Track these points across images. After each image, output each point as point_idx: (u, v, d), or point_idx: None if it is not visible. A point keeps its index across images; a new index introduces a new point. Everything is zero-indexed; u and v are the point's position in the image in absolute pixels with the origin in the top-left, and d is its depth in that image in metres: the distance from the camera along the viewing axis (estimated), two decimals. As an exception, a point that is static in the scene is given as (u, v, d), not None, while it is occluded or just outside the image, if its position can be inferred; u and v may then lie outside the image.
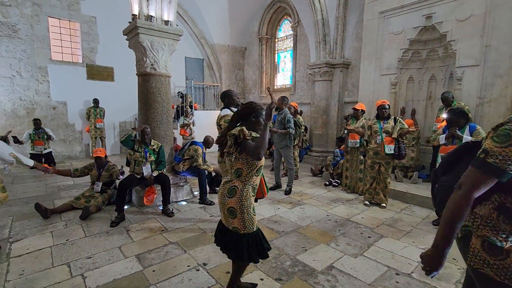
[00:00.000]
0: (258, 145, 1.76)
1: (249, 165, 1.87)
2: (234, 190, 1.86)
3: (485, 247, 1.09)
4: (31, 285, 2.29)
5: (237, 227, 1.88)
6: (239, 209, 1.85)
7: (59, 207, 3.90)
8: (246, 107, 2.00)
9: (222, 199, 1.91)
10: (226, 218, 1.93)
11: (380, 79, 5.59)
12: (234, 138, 1.85)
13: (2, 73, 7.01)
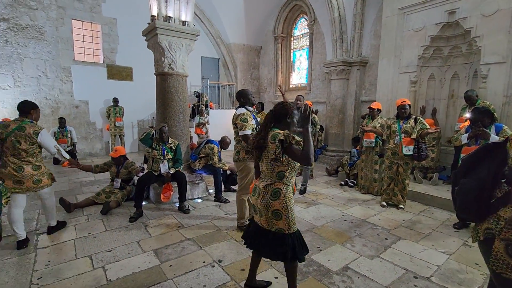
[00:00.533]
0: (309, 151, 1.75)
1: (291, 167, 1.90)
2: (279, 193, 1.87)
3: (509, 251, 1.05)
4: (57, 275, 2.41)
5: (282, 228, 1.89)
6: (284, 210, 1.86)
7: (81, 202, 4.07)
8: (282, 108, 1.97)
9: (265, 202, 1.89)
10: (270, 221, 1.91)
11: (399, 77, 5.44)
12: (281, 143, 1.83)
13: (29, 73, 7.38)
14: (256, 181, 2.06)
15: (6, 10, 6.92)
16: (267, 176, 1.95)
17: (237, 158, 3.19)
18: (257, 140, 1.94)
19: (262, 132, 1.95)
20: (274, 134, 1.87)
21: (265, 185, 1.92)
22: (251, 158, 3.13)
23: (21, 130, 2.76)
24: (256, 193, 1.98)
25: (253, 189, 2.05)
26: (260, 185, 1.96)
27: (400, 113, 3.97)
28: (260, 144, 1.91)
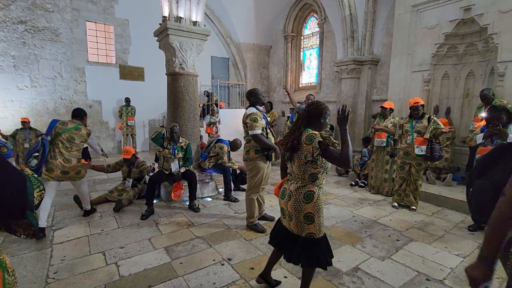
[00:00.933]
0: (349, 153, 1.71)
1: (324, 169, 1.85)
2: (312, 195, 1.82)
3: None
4: (71, 270, 2.48)
5: (313, 232, 1.85)
6: (317, 213, 1.83)
7: (95, 199, 4.17)
8: (316, 108, 1.90)
9: (298, 205, 1.84)
10: (300, 225, 1.86)
11: (412, 76, 5.34)
12: (319, 144, 1.77)
13: (45, 74, 7.60)
14: (283, 183, 2.02)
15: (23, 13, 7.15)
16: (298, 178, 1.88)
17: (246, 158, 3.21)
18: (290, 141, 1.86)
19: (295, 132, 1.87)
20: (309, 135, 1.81)
21: (297, 188, 1.86)
22: (261, 157, 3.14)
23: (78, 130, 3.40)
24: (285, 195, 1.93)
25: (281, 192, 2.00)
26: (290, 187, 1.90)
27: (413, 114, 3.90)
28: (293, 145, 1.84)
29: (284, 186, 1.98)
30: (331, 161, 1.81)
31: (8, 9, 6.98)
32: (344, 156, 1.72)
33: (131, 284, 2.29)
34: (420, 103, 3.87)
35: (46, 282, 2.32)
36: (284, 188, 1.97)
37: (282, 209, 1.99)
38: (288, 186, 1.94)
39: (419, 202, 4.15)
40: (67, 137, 3.30)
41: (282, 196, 1.97)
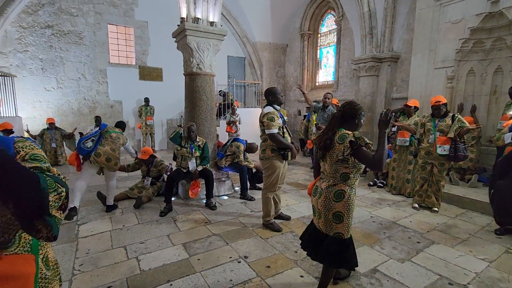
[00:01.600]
0: (382, 156, 1.70)
1: (356, 169, 1.86)
2: (342, 194, 1.85)
3: None
4: (95, 263, 2.60)
5: (341, 232, 1.88)
6: (346, 213, 1.85)
7: (116, 196, 4.32)
8: (351, 108, 1.90)
9: (328, 203, 1.87)
10: (329, 224, 1.89)
11: (434, 73, 5.14)
12: (350, 144, 1.79)
13: (70, 76, 7.96)
14: (317, 181, 2.06)
15: (50, 17, 7.51)
16: (330, 176, 1.91)
17: (263, 156, 3.22)
18: (323, 140, 1.89)
19: (329, 132, 1.89)
20: (342, 135, 1.83)
21: (328, 186, 1.89)
22: (277, 156, 3.14)
23: (121, 134, 4.09)
24: (317, 193, 1.97)
25: (313, 189, 2.04)
26: (322, 185, 1.94)
27: (435, 113, 3.76)
28: (326, 144, 1.87)
29: (317, 184, 2.03)
30: (362, 162, 1.81)
31: (37, 14, 7.36)
32: (377, 158, 1.70)
33: (151, 279, 2.37)
34: (442, 102, 3.71)
35: (72, 273, 2.44)
36: (316, 186, 2.01)
37: (313, 207, 2.03)
38: (320, 184, 1.98)
39: (442, 204, 4.01)
40: (115, 136, 3.95)
41: (314, 194, 2.02)
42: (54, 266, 1.15)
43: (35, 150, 1.03)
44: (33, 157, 1.00)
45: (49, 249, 1.15)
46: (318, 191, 1.96)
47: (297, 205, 4.16)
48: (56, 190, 0.93)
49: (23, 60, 7.37)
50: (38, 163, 0.99)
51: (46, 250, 1.12)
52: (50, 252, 1.15)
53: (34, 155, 1.01)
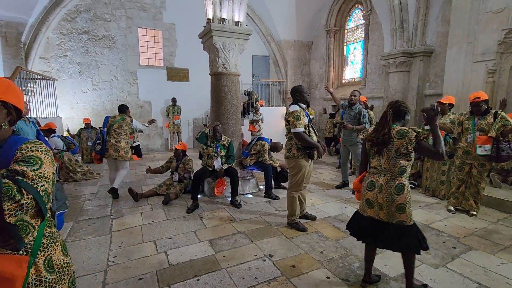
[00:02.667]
0: (442, 146, 1.89)
1: (411, 162, 2.02)
2: (403, 187, 1.98)
3: None
4: (128, 256, 2.73)
5: (404, 220, 1.98)
6: (408, 204, 1.98)
7: (146, 193, 4.52)
8: (402, 105, 2.10)
9: (390, 198, 1.98)
10: (392, 214, 1.99)
11: (472, 67, 4.79)
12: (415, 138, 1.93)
13: (104, 78, 8.43)
14: (369, 177, 2.12)
15: (86, 24, 8.01)
16: (387, 171, 2.03)
17: (288, 155, 3.19)
18: (381, 135, 2.02)
19: (384, 128, 2.03)
20: (400, 130, 1.97)
21: (388, 181, 2.00)
22: (303, 155, 3.11)
23: (123, 120, 4.50)
24: (374, 188, 2.05)
25: (368, 184, 2.11)
26: (380, 180, 2.03)
27: (474, 111, 3.49)
28: (385, 140, 2.00)
29: (371, 179, 2.10)
30: (424, 154, 2.03)
31: (75, 21, 7.88)
32: (439, 148, 1.88)
33: (179, 273, 2.45)
34: (482, 98, 3.42)
35: (107, 264, 2.59)
36: (372, 181, 2.08)
37: (370, 201, 2.09)
38: (375, 179, 2.07)
39: (481, 207, 3.73)
40: (117, 126, 4.41)
41: (369, 188, 2.09)
42: (60, 270, 1.11)
43: (34, 152, 1.00)
44: (25, 159, 0.96)
45: (56, 252, 1.11)
46: (376, 186, 2.05)
47: (323, 205, 4.09)
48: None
49: (62, 64, 7.93)
50: (25, 166, 0.94)
51: (50, 253, 1.08)
52: (56, 255, 1.10)
53: (27, 157, 0.97)
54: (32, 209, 0.92)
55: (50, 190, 1.00)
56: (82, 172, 5.67)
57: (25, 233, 0.96)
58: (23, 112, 1.17)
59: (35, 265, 1.02)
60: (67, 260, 1.17)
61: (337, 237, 3.09)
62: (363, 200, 2.14)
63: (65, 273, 1.14)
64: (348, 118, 4.62)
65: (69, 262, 1.19)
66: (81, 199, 4.49)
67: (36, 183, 0.93)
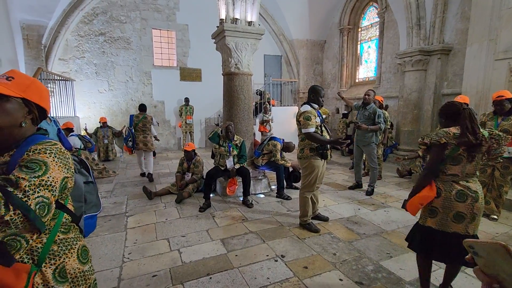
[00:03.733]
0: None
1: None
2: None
3: None
4: (142, 252, 2.79)
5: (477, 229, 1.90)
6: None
7: (159, 191, 4.59)
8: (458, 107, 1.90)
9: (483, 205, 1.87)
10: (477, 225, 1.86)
11: (494, 65, 4.60)
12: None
13: (119, 78, 8.63)
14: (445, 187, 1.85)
15: (103, 25, 8.21)
16: (474, 176, 1.89)
17: (301, 156, 3.17)
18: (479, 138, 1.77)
19: (479, 130, 1.79)
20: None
21: (480, 188, 1.87)
22: (316, 155, 3.08)
23: (145, 118, 5.49)
24: (467, 198, 1.80)
25: (458, 195, 1.82)
26: (473, 187, 1.83)
27: (497, 109, 3.36)
28: (482, 142, 1.81)
29: (458, 188, 1.82)
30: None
31: (92, 23, 8.10)
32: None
33: (192, 271, 2.47)
34: (506, 96, 3.29)
35: (122, 261, 2.65)
36: (461, 190, 1.81)
37: (461, 214, 1.81)
38: (464, 187, 1.82)
39: (502, 212, 3.59)
40: (142, 124, 5.43)
41: (460, 199, 1.81)
42: (74, 279, 1.04)
43: (42, 155, 0.91)
44: (28, 164, 0.88)
45: (70, 259, 1.03)
46: (469, 195, 1.80)
47: (336, 206, 4.04)
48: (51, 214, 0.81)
49: (80, 65, 8.17)
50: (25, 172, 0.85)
51: (63, 261, 1.01)
52: (70, 263, 1.03)
53: (31, 161, 0.89)
54: (23, 224, 0.81)
55: (54, 199, 0.89)
56: (98, 170, 5.82)
57: (15, 249, 0.86)
58: (48, 112, 1.11)
59: (42, 274, 0.95)
60: (84, 268, 1.08)
61: (350, 239, 3.04)
62: (448, 215, 1.83)
63: (81, 282, 1.06)
64: (362, 118, 4.53)
65: (88, 270, 1.10)
66: (97, 196, 4.61)
67: (28, 196, 0.81)
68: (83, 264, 1.09)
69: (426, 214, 1.92)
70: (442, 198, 1.83)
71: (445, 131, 1.82)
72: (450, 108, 1.93)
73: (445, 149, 1.80)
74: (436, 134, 1.84)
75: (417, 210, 1.91)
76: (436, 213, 1.87)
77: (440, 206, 1.84)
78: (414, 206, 1.91)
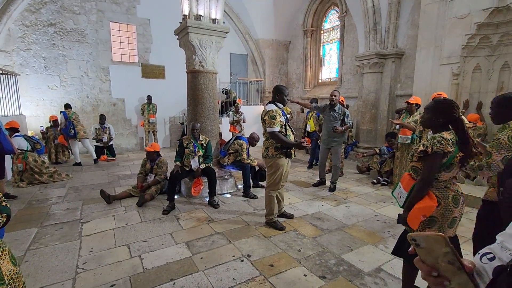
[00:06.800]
0: None
1: None
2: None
3: None
4: (99, 261, 2.60)
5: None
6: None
7: (119, 194, 4.33)
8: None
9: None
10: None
11: (439, 69, 5.06)
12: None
13: (73, 74, 7.96)
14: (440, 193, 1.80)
15: (53, 16, 7.51)
16: (455, 182, 1.88)
17: (266, 155, 3.19)
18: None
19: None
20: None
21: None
22: (280, 154, 3.12)
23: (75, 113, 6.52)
24: (459, 201, 1.81)
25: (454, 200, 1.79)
26: (460, 191, 1.83)
27: None
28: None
29: (452, 194, 1.80)
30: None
31: (39, 12, 7.36)
32: None
33: (154, 277, 2.36)
34: (442, 95, 3.67)
35: (76, 272, 2.44)
36: (455, 196, 1.80)
37: (455, 219, 1.80)
38: (456, 192, 1.81)
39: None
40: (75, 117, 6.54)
41: (456, 204, 1.79)
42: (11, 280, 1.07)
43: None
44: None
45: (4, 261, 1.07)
46: (460, 198, 1.81)
47: (300, 203, 4.14)
48: None
49: (26, 58, 7.39)
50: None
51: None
52: (4, 265, 1.06)
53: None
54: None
55: None
56: (49, 174, 5.32)
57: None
58: None
59: None
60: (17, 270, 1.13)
61: (314, 235, 3.14)
62: (445, 223, 1.79)
63: (17, 282, 1.09)
64: (332, 119, 4.62)
65: (19, 271, 1.15)
66: (47, 202, 4.21)
67: None
68: (15, 265, 1.13)
69: (425, 225, 1.81)
70: (442, 206, 1.77)
71: (444, 138, 1.71)
72: (443, 105, 1.83)
73: (444, 158, 1.73)
74: (438, 141, 1.71)
75: (419, 222, 1.79)
76: (435, 223, 1.79)
77: (440, 215, 1.77)
78: (416, 219, 1.79)
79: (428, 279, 0.61)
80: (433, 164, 1.74)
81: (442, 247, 0.57)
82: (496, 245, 0.60)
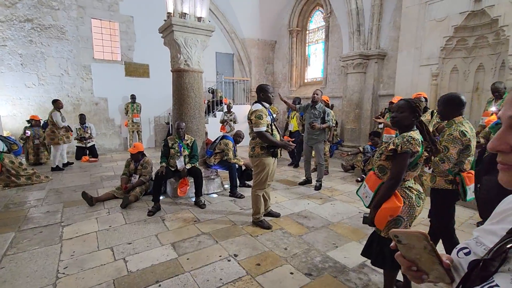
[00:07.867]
0: None
1: None
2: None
3: None
4: (81, 265, 2.52)
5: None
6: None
7: (102, 196, 4.22)
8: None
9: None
10: None
11: (420, 70, 5.24)
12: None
13: (52, 72, 7.67)
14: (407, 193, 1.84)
15: (30, 11, 7.20)
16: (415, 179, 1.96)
17: (252, 154, 3.20)
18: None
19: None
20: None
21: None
22: (267, 153, 3.13)
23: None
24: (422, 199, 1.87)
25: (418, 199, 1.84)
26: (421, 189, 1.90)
27: None
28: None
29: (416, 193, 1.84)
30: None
31: (15, 7, 7.04)
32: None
33: (139, 280, 2.32)
34: (422, 95, 3.83)
35: (56, 277, 2.36)
36: (417, 194, 1.85)
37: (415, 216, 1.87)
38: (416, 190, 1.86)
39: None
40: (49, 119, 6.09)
41: (419, 203, 1.85)
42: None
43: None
44: None
45: None
46: (421, 197, 1.89)
47: (287, 202, 4.18)
48: None
49: (1, 55, 7.05)
50: None
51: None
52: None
53: None
54: None
55: None
56: (26, 176, 5.11)
57: None
58: None
59: None
60: None
61: (300, 233, 3.18)
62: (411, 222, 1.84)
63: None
64: (312, 116, 4.73)
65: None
66: (25, 205, 4.04)
67: None
68: None
69: (391, 225, 1.82)
70: (406, 206, 1.79)
71: (413, 137, 1.74)
72: (415, 104, 1.83)
73: (412, 157, 1.76)
74: (407, 141, 1.74)
75: (386, 222, 1.81)
76: (401, 222, 1.81)
77: (406, 214, 1.80)
78: (383, 219, 1.80)
79: (408, 273, 0.64)
80: (402, 163, 1.75)
81: (422, 244, 0.60)
82: (471, 240, 0.63)
